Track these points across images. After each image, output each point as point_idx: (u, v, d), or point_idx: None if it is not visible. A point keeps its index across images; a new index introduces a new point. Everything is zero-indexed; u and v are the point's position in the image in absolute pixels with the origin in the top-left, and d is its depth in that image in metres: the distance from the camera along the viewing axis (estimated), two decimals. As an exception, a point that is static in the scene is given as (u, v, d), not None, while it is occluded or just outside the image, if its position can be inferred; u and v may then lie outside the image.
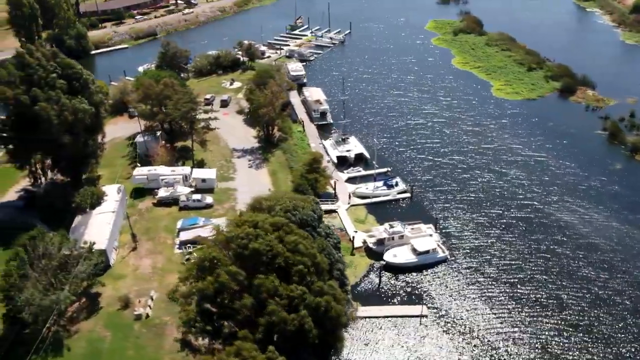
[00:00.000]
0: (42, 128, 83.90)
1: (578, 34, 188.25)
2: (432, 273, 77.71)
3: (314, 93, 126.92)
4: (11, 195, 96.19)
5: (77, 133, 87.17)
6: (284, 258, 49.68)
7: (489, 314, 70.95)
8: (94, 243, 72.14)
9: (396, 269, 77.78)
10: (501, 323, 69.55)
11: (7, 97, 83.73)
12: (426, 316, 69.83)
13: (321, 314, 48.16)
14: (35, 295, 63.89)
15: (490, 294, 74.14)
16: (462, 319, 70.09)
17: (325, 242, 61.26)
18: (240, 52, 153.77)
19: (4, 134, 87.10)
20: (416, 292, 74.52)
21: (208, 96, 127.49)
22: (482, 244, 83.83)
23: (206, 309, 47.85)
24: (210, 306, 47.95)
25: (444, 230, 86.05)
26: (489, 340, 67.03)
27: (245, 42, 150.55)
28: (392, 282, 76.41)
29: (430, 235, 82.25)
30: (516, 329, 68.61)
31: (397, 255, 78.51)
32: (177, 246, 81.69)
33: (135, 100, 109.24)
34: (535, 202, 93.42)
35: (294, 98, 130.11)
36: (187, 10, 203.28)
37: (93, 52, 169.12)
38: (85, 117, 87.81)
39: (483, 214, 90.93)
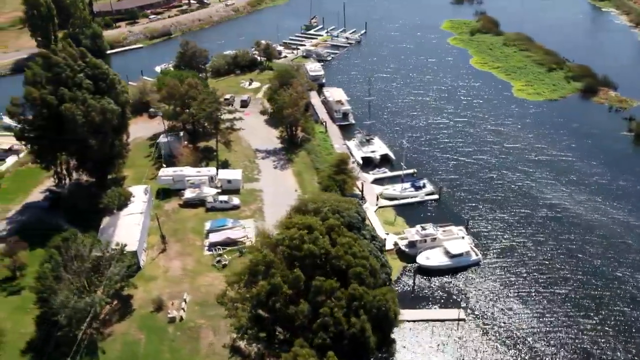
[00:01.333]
0: (69, 128, 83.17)
1: (595, 34, 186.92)
2: (466, 276, 76.80)
3: (335, 93, 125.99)
4: (35, 195, 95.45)
5: (104, 133, 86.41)
6: (341, 260, 48.74)
7: (527, 315, 70.21)
8: (125, 245, 71.40)
9: (429, 272, 76.86)
10: (539, 324, 68.89)
11: (33, 98, 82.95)
12: (464, 320, 68.88)
13: (381, 316, 47.25)
14: (70, 298, 63.22)
15: (526, 295, 73.36)
16: (500, 322, 69.17)
17: (372, 245, 60.46)
18: (256, 52, 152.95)
19: (31, 134, 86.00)
20: (452, 295, 73.59)
21: (228, 96, 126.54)
22: (513, 244, 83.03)
23: (259, 315, 46.88)
24: (263, 311, 46.91)
25: (474, 232, 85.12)
26: (529, 343, 66.16)
27: (263, 42, 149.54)
28: (426, 285, 75.48)
29: (462, 237, 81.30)
30: (554, 330, 67.99)
31: (430, 258, 77.57)
32: (206, 248, 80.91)
33: (158, 100, 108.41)
34: (563, 202, 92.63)
35: (314, 98, 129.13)
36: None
37: (108, 51, 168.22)
38: (113, 118, 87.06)
39: (512, 214, 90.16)
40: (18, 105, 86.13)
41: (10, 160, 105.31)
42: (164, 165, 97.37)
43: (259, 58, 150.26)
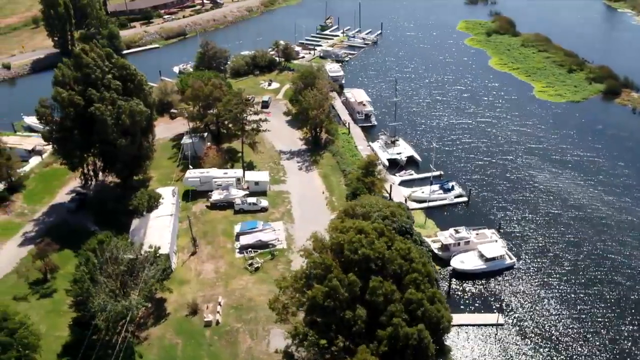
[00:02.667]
0: (99, 130, 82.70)
1: (611, 34, 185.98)
2: (501, 279, 75.99)
3: (356, 94, 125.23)
4: (61, 196, 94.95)
5: (133, 135, 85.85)
6: (398, 265, 48.03)
7: (566, 318, 69.66)
8: (159, 247, 70.72)
9: (464, 276, 76.10)
10: (578, 327, 68.39)
11: (62, 98, 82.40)
12: (502, 325, 68.11)
13: (436, 322, 46.53)
14: (107, 301, 62.63)
15: (563, 298, 72.78)
16: (539, 326, 68.44)
17: (423, 249, 59.76)
18: (273, 52, 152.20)
19: (59, 135, 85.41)
20: (488, 299, 72.81)
21: (248, 97, 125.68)
22: (546, 246, 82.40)
23: (315, 320, 46.17)
24: (318, 317, 46.13)
25: (505, 234, 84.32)
26: (569, 346, 65.44)
27: (282, 42, 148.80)
28: (461, 288, 74.73)
29: (495, 240, 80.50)
30: (593, 332, 67.41)
31: (465, 261, 76.80)
32: (237, 250, 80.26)
33: (182, 100, 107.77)
34: (593, 203, 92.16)
35: (335, 99, 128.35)
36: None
37: (125, 52, 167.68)
38: (142, 119, 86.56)
39: (541, 215, 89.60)
40: (47, 106, 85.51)
41: (34, 160, 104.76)
42: (191, 167, 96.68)
43: (277, 58, 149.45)
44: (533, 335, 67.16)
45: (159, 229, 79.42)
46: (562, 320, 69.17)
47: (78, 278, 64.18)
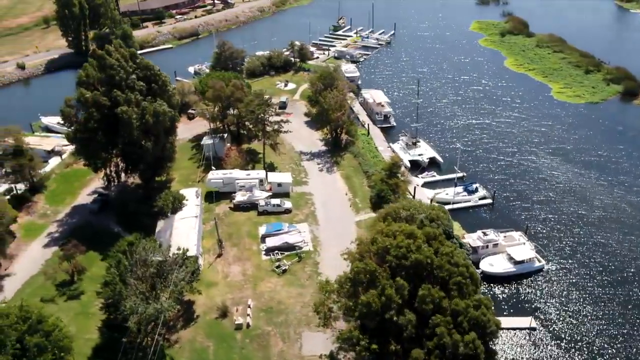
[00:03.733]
0: (124, 131, 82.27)
1: (624, 35, 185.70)
2: (531, 282, 75.43)
3: (375, 95, 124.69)
4: (83, 197, 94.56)
5: (157, 136, 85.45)
6: (446, 271, 47.53)
7: (599, 321, 69.09)
8: (187, 249, 70.25)
9: (493, 279, 75.52)
10: (612, 329, 67.75)
11: (86, 99, 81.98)
12: (535, 328, 67.56)
13: (483, 327, 46.03)
14: (139, 303, 62.19)
15: (595, 300, 72.34)
16: (572, 329, 67.88)
17: (464, 252, 59.29)
18: (288, 53, 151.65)
19: (84, 136, 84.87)
20: (519, 303, 72.25)
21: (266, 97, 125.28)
22: (573, 247, 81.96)
23: (365, 325, 45.60)
24: (369, 322, 45.56)
25: (532, 236, 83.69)
26: (605, 350, 64.80)
27: (297, 42, 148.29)
28: (490, 292, 74.15)
29: (523, 243, 79.93)
30: (627, 335, 66.55)
31: (494, 264, 76.26)
32: (263, 252, 79.76)
33: (202, 101, 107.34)
34: (618, 203, 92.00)
35: (354, 100, 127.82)
36: None
37: (138, 52, 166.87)
38: (166, 120, 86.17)
39: (567, 215, 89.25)
40: (72, 107, 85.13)
41: (54, 161, 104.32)
42: (213, 168, 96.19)
43: (292, 59, 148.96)
44: (567, 339, 66.57)
45: (185, 231, 78.90)
46: (595, 323, 68.62)
47: (109, 280, 63.79)
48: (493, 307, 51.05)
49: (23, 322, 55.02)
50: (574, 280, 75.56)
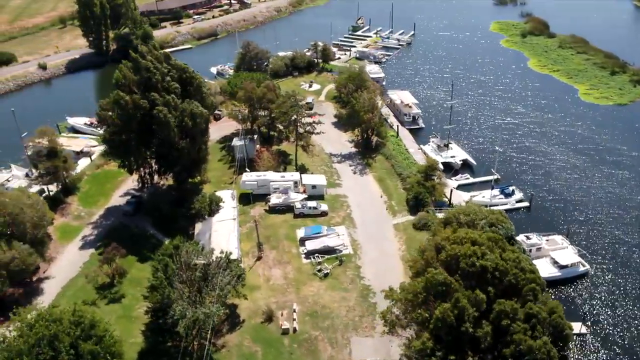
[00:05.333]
0: (161, 132, 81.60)
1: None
2: (577, 287, 74.47)
3: (402, 96, 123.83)
4: (115, 199, 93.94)
5: (193, 137, 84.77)
6: (513, 275, 46.79)
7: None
8: (230, 253, 69.54)
9: (538, 283, 74.54)
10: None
11: (126, 102, 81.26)
12: (585, 334, 66.64)
13: (557, 333, 45.28)
14: (187, 308, 61.49)
15: (643, 305, 71.26)
16: (622, 334, 66.82)
17: (528, 257, 58.43)
18: (309, 53, 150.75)
19: (120, 138, 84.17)
20: (567, 308, 70.61)
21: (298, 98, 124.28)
22: (615, 250, 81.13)
23: (439, 336, 44.76)
24: (446, 334, 44.68)
25: (572, 239, 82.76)
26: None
27: (320, 43, 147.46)
28: (536, 296, 73.24)
29: (566, 247, 79.01)
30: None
31: (539, 269, 74.75)
32: (303, 256, 78.99)
33: (231, 102, 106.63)
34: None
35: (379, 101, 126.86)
36: None
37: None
38: (202, 122, 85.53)
39: (605, 217, 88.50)
40: (107, 109, 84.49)
41: (83, 162, 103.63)
42: (247, 170, 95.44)
43: (315, 59, 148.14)
44: (619, 344, 65.65)
45: (224, 234, 78.25)
46: (645, 328, 67.84)
47: (157, 284, 63.09)
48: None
49: (76, 326, 54.40)
50: (619, 284, 74.59)
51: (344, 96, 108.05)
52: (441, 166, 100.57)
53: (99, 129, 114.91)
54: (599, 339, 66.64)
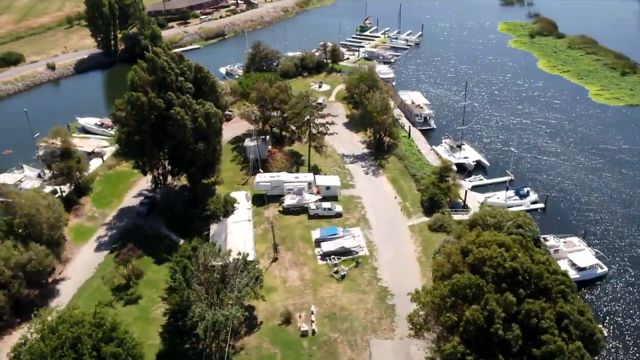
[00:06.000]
0: (177, 133, 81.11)
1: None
2: (595, 290, 74.06)
3: (413, 97, 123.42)
4: (128, 200, 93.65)
5: (208, 138, 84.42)
6: (545, 278, 46.42)
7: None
8: (247, 254, 69.18)
9: (556, 285, 74.13)
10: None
11: (142, 102, 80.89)
12: (605, 337, 66.12)
13: (588, 337, 44.89)
14: (205, 310, 61.15)
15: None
16: (643, 340, 66.58)
17: (554, 259, 58.12)
18: (318, 53, 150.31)
19: (134, 138, 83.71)
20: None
21: (312, 99, 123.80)
22: (632, 251, 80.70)
23: (469, 340, 44.45)
24: (475, 337, 44.34)
25: (589, 241, 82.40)
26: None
27: (329, 43, 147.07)
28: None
29: (583, 249, 78.58)
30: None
31: (558, 271, 74.81)
32: (319, 257, 78.63)
33: (242, 102, 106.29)
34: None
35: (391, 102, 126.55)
36: None
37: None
38: (216, 122, 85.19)
39: (620, 218, 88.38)
40: (122, 109, 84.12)
41: (94, 163, 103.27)
42: (261, 171, 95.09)
43: (325, 60, 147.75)
44: (638, 346, 65.23)
45: (240, 235, 77.81)
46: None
47: (176, 286, 62.79)
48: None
49: (97, 329, 54.09)
50: (638, 285, 74.15)
51: (357, 97, 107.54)
52: (454, 167, 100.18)
53: (109, 129, 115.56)
54: (618, 342, 66.24)
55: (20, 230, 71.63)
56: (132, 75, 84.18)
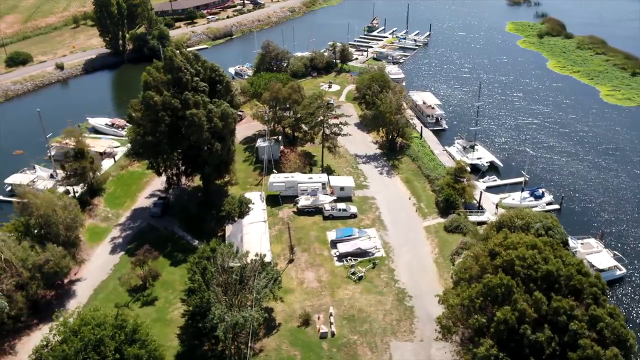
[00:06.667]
0: (193, 133, 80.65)
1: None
2: (614, 292, 73.46)
3: (424, 97, 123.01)
4: (141, 201, 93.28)
5: (223, 138, 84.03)
6: (577, 281, 45.98)
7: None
8: (264, 255, 68.81)
9: (575, 287, 73.69)
10: None
11: (156, 102, 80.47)
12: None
13: (622, 342, 44.41)
14: (225, 311, 60.76)
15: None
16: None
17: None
18: (327, 54, 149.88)
19: (149, 139, 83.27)
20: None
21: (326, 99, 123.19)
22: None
23: (502, 341, 43.99)
24: (507, 339, 43.91)
25: (606, 242, 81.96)
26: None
27: (339, 43, 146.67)
28: (573, 300, 72.38)
29: (601, 250, 78.10)
30: None
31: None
32: (335, 258, 78.19)
33: (253, 101, 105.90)
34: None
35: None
36: None
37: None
38: (232, 122, 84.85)
39: (637, 218, 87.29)
40: (138, 110, 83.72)
41: (106, 163, 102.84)
42: (275, 171, 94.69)
43: (334, 60, 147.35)
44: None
45: (256, 236, 77.48)
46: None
47: (196, 288, 62.37)
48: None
49: (119, 330, 53.74)
50: (659, 290, 73.83)
51: (369, 97, 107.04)
52: (467, 168, 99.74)
53: (120, 129, 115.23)
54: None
55: (36, 231, 71.22)
56: (145, 77, 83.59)
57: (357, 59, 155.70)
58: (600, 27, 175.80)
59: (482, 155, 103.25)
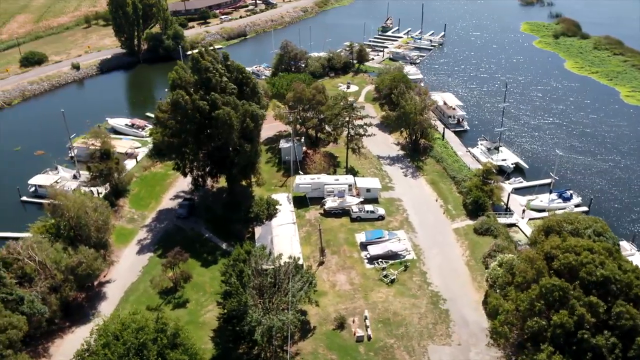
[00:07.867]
0: (222, 134, 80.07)
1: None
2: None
3: (445, 98, 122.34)
4: (166, 202, 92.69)
5: (252, 139, 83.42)
6: (634, 287, 45.29)
7: None
8: (298, 258, 68.23)
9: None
10: None
11: (186, 102, 79.76)
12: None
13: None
14: (261, 315, 60.18)
15: None
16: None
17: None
18: (344, 54, 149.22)
19: (176, 140, 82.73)
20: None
21: (350, 100, 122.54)
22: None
23: (561, 346, 43.36)
24: (567, 344, 43.25)
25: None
26: None
27: (356, 44, 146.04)
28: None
29: (634, 253, 77.28)
30: None
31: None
32: (366, 261, 77.56)
33: (275, 103, 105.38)
34: None
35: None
36: None
37: (189, 52, 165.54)
38: (260, 123, 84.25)
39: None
40: (165, 111, 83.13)
41: (128, 164, 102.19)
42: (301, 173, 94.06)
43: (351, 60, 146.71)
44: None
45: (286, 238, 76.98)
46: None
47: (233, 291, 61.74)
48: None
49: (161, 334, 53.13)
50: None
51: (394, 97, 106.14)
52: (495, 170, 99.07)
53: (140, 130, 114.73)
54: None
55: (68, 233, 70.70)
56: (172, 76, 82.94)
57: (373, 59, 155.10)
58: (614, 28, 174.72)
59: (507, 157, 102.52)
